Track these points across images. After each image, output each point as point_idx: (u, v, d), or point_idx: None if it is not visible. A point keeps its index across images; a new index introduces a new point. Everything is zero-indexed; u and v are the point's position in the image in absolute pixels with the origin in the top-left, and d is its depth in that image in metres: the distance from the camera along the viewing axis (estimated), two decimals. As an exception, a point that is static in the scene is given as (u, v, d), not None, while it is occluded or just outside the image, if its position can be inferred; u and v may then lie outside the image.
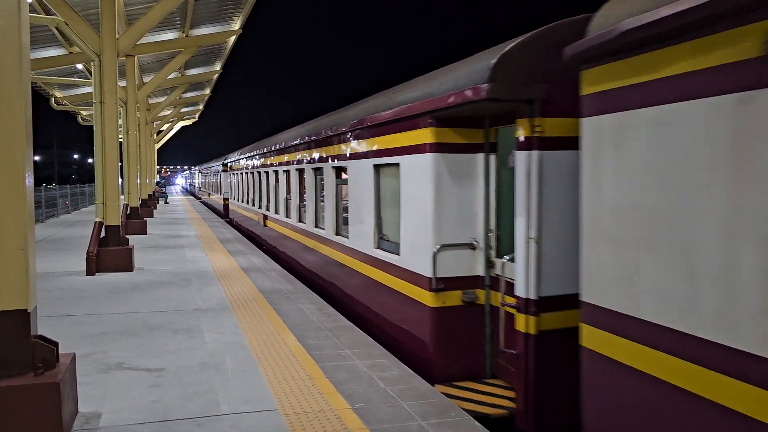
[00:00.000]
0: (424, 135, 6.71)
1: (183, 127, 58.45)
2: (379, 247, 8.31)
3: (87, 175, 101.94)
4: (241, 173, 24.53)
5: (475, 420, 4.79)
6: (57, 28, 15.67)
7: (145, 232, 20.10)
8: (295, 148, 13.72)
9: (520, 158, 5.49)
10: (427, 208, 6.60)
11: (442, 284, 6.53)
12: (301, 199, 13.48)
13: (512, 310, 5.71)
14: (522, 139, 5.49)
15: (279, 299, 9.39)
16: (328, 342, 7.01)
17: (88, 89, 28.44)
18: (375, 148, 8.36)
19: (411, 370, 6.01)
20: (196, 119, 53.55)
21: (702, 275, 3.24)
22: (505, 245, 6.33)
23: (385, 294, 7.94)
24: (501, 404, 5.91)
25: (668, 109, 3.46)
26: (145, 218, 22.01)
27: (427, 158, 6.62)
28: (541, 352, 5.41)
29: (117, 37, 13.20)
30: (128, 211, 20.25)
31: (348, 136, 9.58)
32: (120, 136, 14.95)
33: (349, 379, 5.71)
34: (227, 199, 31.05)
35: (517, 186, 5.55)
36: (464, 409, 5.30)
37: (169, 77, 26.26)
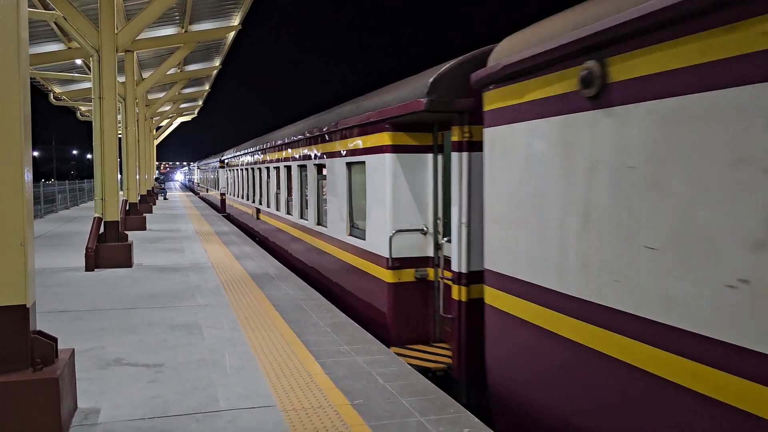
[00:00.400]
0: (384, 138, 7.99)
1: (182, 123, 58.35)
2: (350, 234, 9.57)
3: (86, 171, 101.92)
4: (236, 170, 26.27)
5: (474, 416, 4.80)
6: (56, 23, 15.62)
7: (144, 228, 20.09)
8: (283, 148, 15.15)
9: (455, 158, 6.71)
10: (386, 199, 7.87)
11: (397, 263, 7.80)
12: (289, 193, 14.70)
13: (449, 282, 6.98)
14: (455, 142, 6.70)
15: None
16: (328, 338, 7.01)
17: (87, 85, 28.41)
18: (346, 148, 9.64)
19: (410, 367, 6.02)
20: (195, 115, 53.45)
21: (549, 244, 4.55)
22: (449, 230, 7.28)
23: (355, 274, 9.24)
24: (441, 360, 7.14)
25: (532, 124, 4.79)
26: (144, 214, 22.00)
27: (386, 157, 7.91)
28: (470, 316, 6.63)
29: (116, 32, 13.17)
30: (127, 207, 20.24)
31: (326, 137, 10.91)
32: (119, 132, 14.93)
33: (348, 375, 5.71)
34: (224, 194, 32.60)
35: (453, 181, 6.75)
36: (411, 365, 6.38)
37: (168, 73, 26.19)
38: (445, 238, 7.42)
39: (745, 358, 2.97)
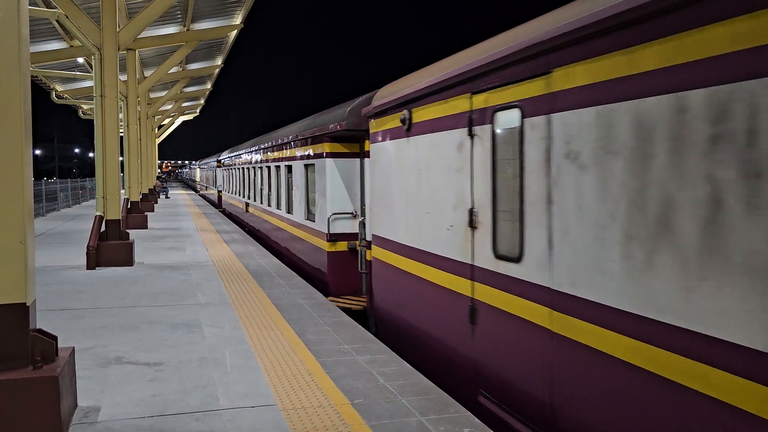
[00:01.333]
0: (325, 147, 11.37)
1: (184, 122, 58.43)
2: (307, 219, 12.92)
3: (88, 169, 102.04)
4: (230, 170, 30.61)
5: (473, 415, 4.79)
6: (57, 21, 15.63)
7: (145, 227, 20.10)
8: (262, 152, 19.01)
9: (366, 163, 9.34)
10: (326, 192, 11.25)
11: (334, 238, 11.19)
12: (269, 189, 18.25)
13: (364, 248, 9.73)
14: (366, 151, 9.62)
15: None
16: (329, 337, 7.00)
17: (89, 83, 28.43)
18: (303, 153, 13.07)
19: (410, 366, 6.01)
20: (197, 114, 53.50)
21: (395, 216, 7.41)
22: None
23: (309, 246, 12.68)
24: (361, 304, 10.21)
25: (386, 143, 7.74)
26: (145, 213, 22.01)
27: (326, 161, 11.28)
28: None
29: (118, 30, 13.17)
30: (129, 206, 20.25)
31: (292, 144, 14.32)
32: (120, 131, 14.93)
33: (349, 375, 5.71)
34: (221, 191, 36.98)
35: (365, 178, 9.79)
36: (339, 307, 9.07)
37: (170, 71, 26.22)
38: (361, 218, 10.78)
39: (461, 265, 5.77)
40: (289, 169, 14.77)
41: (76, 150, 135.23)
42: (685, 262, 3.22)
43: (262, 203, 19.42)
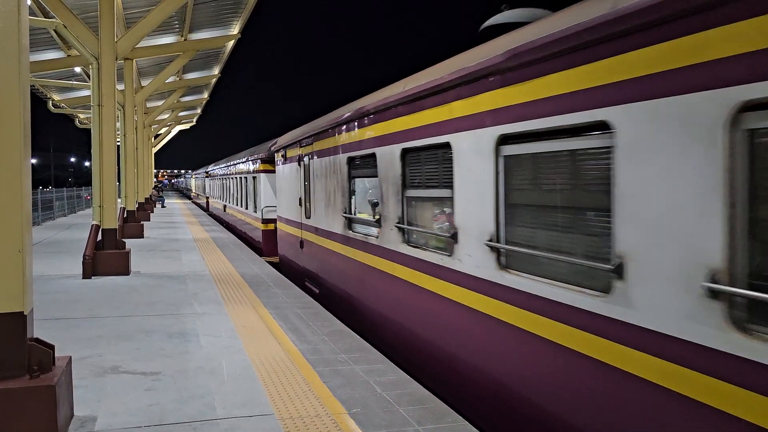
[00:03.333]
0: (259, 166, 19.48)
1: (180, 131, 58.44)
2: (254, 211, 20.61)
3: (84, 178, 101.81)
4: (214, 180, 39.69)
5: (470, 425, 4.79)
6: (55, 31, 15.65)
7: (142, 236, 20.06)
8: (229, 168, 28.83)
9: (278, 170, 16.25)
10: (261, 194, 19.22)
11: (266, 221, 18.73)
12: (234, 193, 27.30)
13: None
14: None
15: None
16: (326, 347, 7.00)
17: (86, 92, 28.45)
18: (250, 169, 21.51)
19: (408, 376, 6.01)
20: (194, 123, 53.54)
21: (288, 205, 13.90)
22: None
23: (253, 227, 20.95)
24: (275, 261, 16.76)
25: (281, 166, 14.90)
26: (142, 222, 21.98)
27: (261, 175, 19.39)
28: (271, 237, 18.26)
29: (116, 40, 13.22)
30: (125, 215, 20.22)
31: (244, 164, 23.38)
32: (117, 140, 14.94)
33: (346, 384, 5.70)
34: (208, 197, 44.83)
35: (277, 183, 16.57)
36: (266, 261, 14.88)
37: (167, 81, 26.26)
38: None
39: (299, 223, 12.85)
40: (243, 180, 23.97)
41: (72, 159, 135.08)
42: (327, 209, 10.44)
43: (231, 203, 28.50)
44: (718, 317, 3.12)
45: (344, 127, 9.26)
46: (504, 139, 5.00)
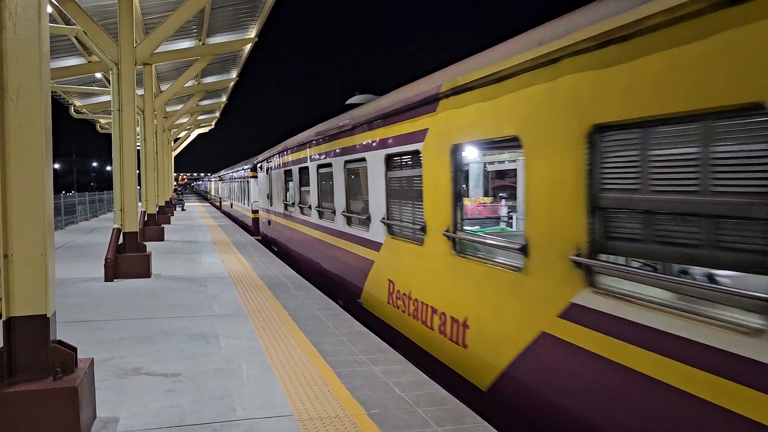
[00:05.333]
0: (249, 173, 29.46)
1: (199, 135, 58.95)
2: (247, 205, 30.08)
3: (105, 183, 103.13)
4: (223, 183, 51.44)
5: (491, 426, 4.76)
6: (76, 38, 15.90)
7: (162, 239, 20.27)
8: (235, 173, 38.95)
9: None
10: (252, 192, 29.08)
11: (255, 212, 27.80)
12: (235, 193, 37.98)
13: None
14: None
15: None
16: (345, 348, 7.01)
17: (107, 98, 28.79)
18: (244, 176, 32.28)
19: (426, 376, 5.99)
20: (213, 126, 53.98)
21: (263, 199, 23.09)
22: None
23: (246, 215, 30.86)
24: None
25: (260, 175, 24.67)
26: (162, 225, 22.20)
27: (251, 180, 28.89)
28: (256, 222, 27.21)
29: (135, 46, 13.38)
30: (146, 218, 20.44)
31: (240, 172, 34.75)
32: (137, 144, 15.12)
33: (365, 385, 5.70)
34: (221, 198, 53.42)
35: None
36: (256, 240, 21.45)
37: (185, 85, 26.52)
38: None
39: (268, 210, 22.07)
40: (240, 183, 34.40)
41: (94, 164, 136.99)
42: (277, 200, 19.56)
43: (236, 201, 37.99)
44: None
45: (280, 154, 18.20)
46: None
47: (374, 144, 8.86)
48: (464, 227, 6.63)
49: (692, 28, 3.43)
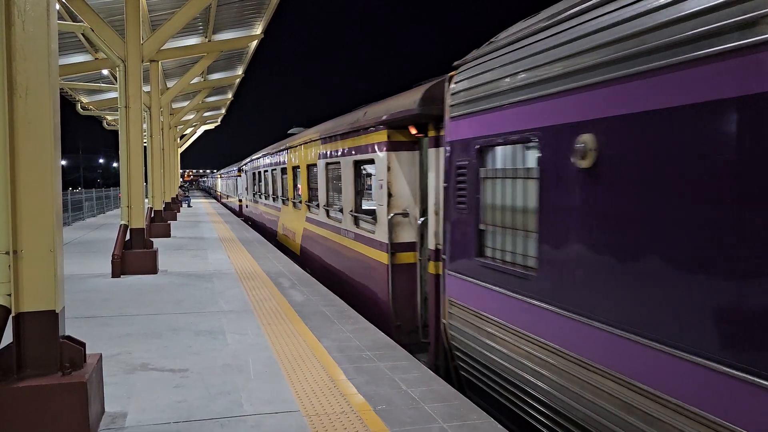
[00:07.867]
0: (238, 173, 39.23)
1: (205, 131, 59.07)
2: (241, 196, 37.31)
3: (112, 179, 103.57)
4: (224, 179, 59.40)
5: (497, 423, 4.77)
6: (83, 35, 15.95)
7: (168, 235, 20.33)
8: (229, 172, 50.79)
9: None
10: (240, 186, 37.72)
11: (240, 201, 38.52)
12: (232, 188, 46.91)
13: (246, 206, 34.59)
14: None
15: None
16: (351, 344, 7.04)
17: (113, 94, 28.93)
18: (235, 175, 42.28)
19: (432, 372, 6.01)
20: (219, 123, 54.07)
21: (243, 191, 35.55)
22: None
23: (237, 205, 40.33)
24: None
25: (243, 174, 35.43)
26: (168, 221, 22.27)
27: (239, 177, 38.52)
28: (242, 208, 38.54)
29: (141, 42, 13.40)
30: (152, 215, 20.51)
31: (234, 171, 43.47)
32: (144, 141, 15.17)
33: (371, 381, 5.72)
34: (220, 192, 63.51)
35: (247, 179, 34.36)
36: (243, 220, 31.75)
37: (191, 82, 26.56)
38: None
39: (273, 207, 22.53)
40: (232, 180, 43.80)
41: (101, 160, 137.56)
42: (250, 191, 30.46)
43: (230, 194, 45.99)
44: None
45: (251, 161, 27.87)
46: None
47: (284, 161, 18.83)
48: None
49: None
